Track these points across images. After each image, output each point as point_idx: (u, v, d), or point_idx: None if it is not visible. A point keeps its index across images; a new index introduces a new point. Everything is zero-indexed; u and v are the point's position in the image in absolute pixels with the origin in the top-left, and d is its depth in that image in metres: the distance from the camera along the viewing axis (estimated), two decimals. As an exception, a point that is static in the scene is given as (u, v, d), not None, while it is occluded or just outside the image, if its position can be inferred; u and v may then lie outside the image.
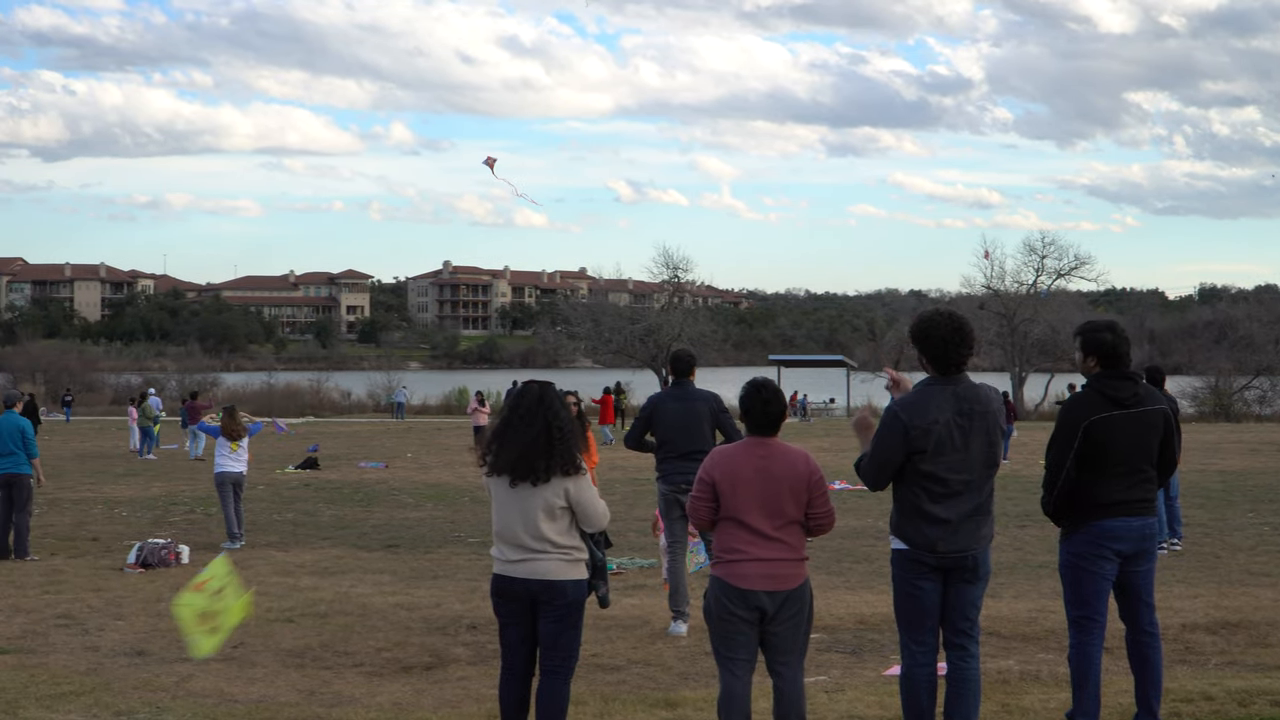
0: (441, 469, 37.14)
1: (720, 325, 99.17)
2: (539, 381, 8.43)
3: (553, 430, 8.12)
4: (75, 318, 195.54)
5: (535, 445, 8.10)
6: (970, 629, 8.24)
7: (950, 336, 8.13)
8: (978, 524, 8.14)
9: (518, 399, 8.31)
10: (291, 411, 73.07)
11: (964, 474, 8.06)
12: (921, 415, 8.02)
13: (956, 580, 8.16)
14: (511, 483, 8.12)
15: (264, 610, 14.91)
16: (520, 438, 8.13)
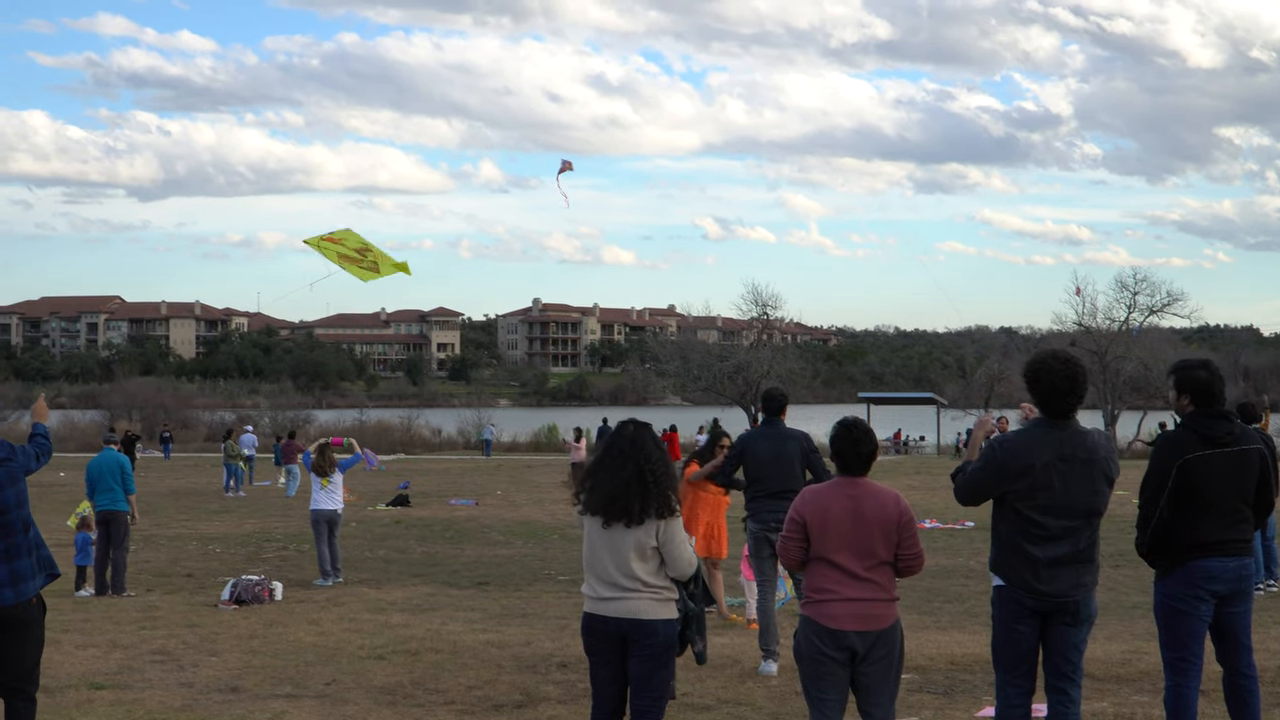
0: (531, 506, 37.21)
1: (809, 362, 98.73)
2: (634, 421, 8.43)
3: (645, 472, 8.13)
4: (171, 355, 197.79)
5: (628, 486, 8.10)
6: (1072, 672, 8.19)
7: (1060, 382, 8.10)
8: (1077, 570, 8.09)
9: (612, 439, 8.32)
10: (382, 448, 73.43)
11: (1063, 519, 8.02)
12: (1020, 456, 8.01)
13: (1057, 623, 8.12)
14: (605, 523, 8.14)
15: (356, 647, 15.03)
16: (613, 478, 8.14)
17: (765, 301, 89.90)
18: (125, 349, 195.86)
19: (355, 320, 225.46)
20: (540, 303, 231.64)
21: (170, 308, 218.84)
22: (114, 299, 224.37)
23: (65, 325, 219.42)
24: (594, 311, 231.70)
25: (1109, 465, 8.18)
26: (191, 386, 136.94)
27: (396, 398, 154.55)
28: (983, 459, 8.19)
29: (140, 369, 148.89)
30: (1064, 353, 8.37)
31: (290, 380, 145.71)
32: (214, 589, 19.93)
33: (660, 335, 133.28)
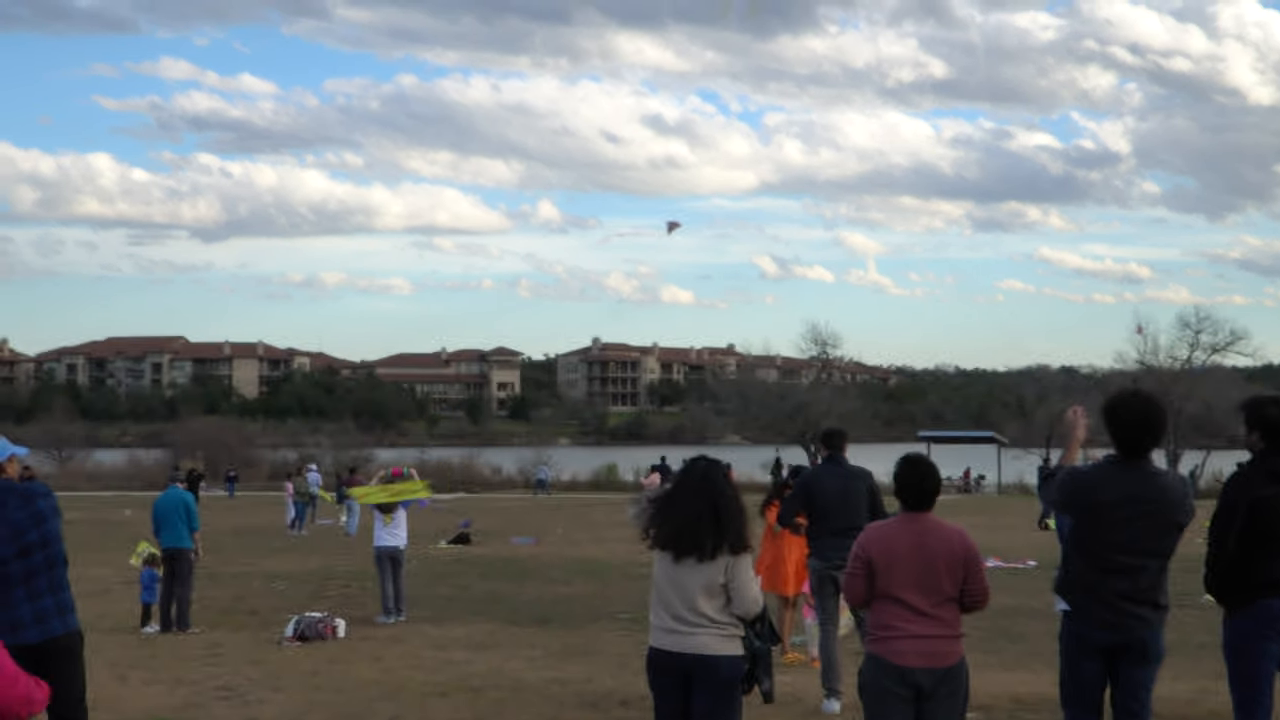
0: (592, 544, 37.23)
1: (869, 401, 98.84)
2: (705, 458, 8.42)
3: (719, 508, 8.14)
4: (234, 394, 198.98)
5: (700, 522, 8.09)
6: (1140, 711, 8.15)
7: (1137, 422, 8.10)
8: (1139, 606, 8.06)
9: (684, 475, 8.33)
10: (443, 487, 73.57)
11: (1127, 557, 8.01)
12: (1088, 492, 8.04)
13: (1124, 661, 8.09)
14: (675, 558, 8.15)
15: (418, 684, 15.08)
16: (684, 513, 8.14)
17: (825, 340, 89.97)
18: (189, 388, 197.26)
19: (416, 360, 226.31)
20: (600, 342, 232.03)
21: (233, 347, 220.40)
22: (178, 339, 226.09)
23: (130, 365, 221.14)
24: (653, 351, 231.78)
25: (1179, 510, 8.15)
26: (254, 425, 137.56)
27: (457, 437, 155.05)
28: (1059, 485, 8.26)
29: (204, 408, 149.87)
30: (1144, 392, 8.37)
31: (352, 419, 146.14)
32: (278, 626, 20.03)
33: (719, 374, 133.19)
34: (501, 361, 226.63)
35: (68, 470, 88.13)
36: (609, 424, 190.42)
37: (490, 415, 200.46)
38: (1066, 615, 8.31)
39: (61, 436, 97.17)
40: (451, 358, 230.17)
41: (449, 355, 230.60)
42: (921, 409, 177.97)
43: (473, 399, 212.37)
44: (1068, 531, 8.37)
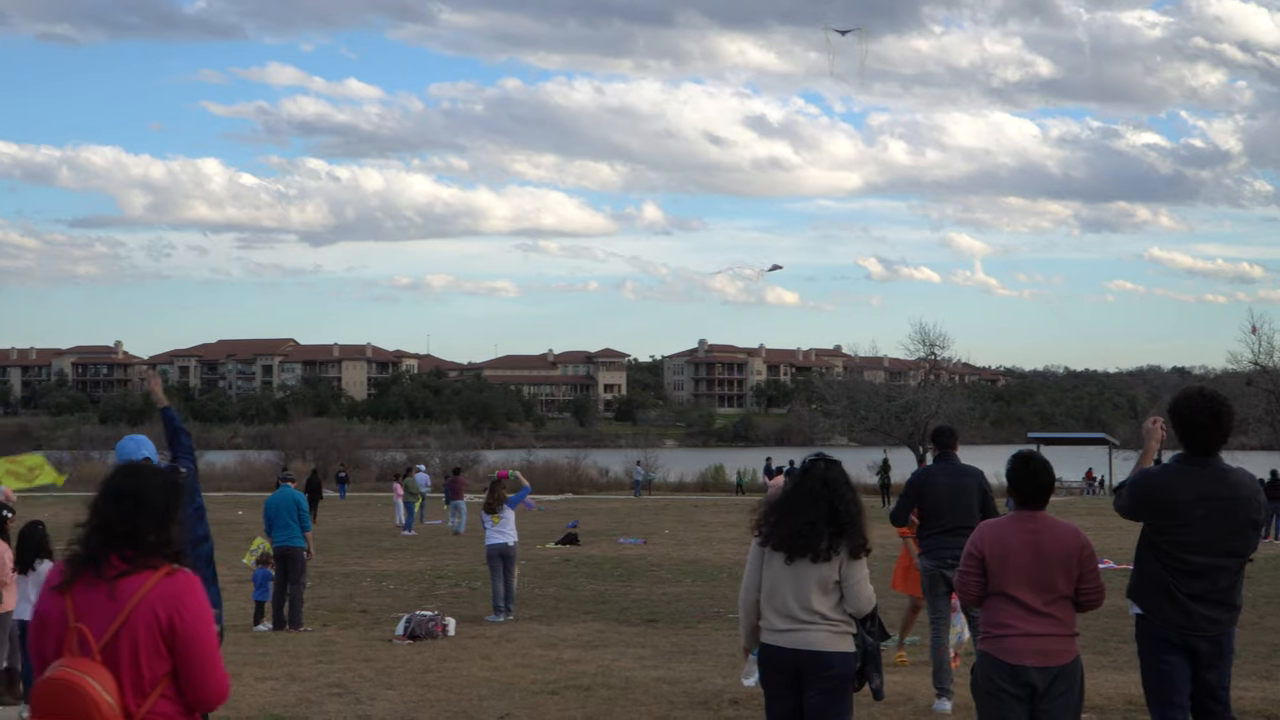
0: (699, 545, 37.22)
1: (977, 403, 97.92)
2: (824, 459, 8.41)
3: (839, 510, 8.12)
4: (343, 396, 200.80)
5: (817, 523, 8.08)
6: (1222, 710, 8.07)
7: (1206, 420, 8.03)
8: (1215, 608, 8.00)
9: (803, 476, 8.31)
10: (550, 488, 73.89)
11: (1204, 556, 7.94)
12: (1161, 491, 7.99)
13: (1202, 661, 8.02)
14: (788, 558, 8.14)
15: (529, 682, 15.15)
16: (801, 514, 8.13)
17: (933, 341, 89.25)
18: (299, 390, 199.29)
19: (523, 362, 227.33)
20: (706, 343, 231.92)
21: (342, 350, 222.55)
22: (288, 342, 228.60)
23: (241, 368, 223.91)
24: (760, 352, 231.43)
25: (1253, 507, 8.07)
26: (363, 427, 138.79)
27: (564, 438, 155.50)
28: (1130, 488, 8.18)
29: (313, 410, 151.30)
30: (1209, 389, 8.29)
31: (459, 421, 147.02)
32: (388, 624, 20.20)
33: (826, 375, 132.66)
34: (608, 363, 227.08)
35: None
36: (715, 425, 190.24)
37: (597, 416, 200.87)
38: (1140, 618, 8.24)
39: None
40: (558, 359, 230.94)
41: (556, 357, 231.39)
42: (1030, 410, 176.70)
43: (579, 400, 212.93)
44: (1139, 538, 8.32)
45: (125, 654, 5.18)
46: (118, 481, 5.44)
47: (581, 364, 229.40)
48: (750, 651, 8.61)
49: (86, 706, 5.04)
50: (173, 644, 5.24)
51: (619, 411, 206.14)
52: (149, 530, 5.31)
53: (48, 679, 5.12)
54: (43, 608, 5.36)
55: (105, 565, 5.27)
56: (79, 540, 5.35)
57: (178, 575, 5.33)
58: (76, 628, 5.17)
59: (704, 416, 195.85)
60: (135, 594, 5.22)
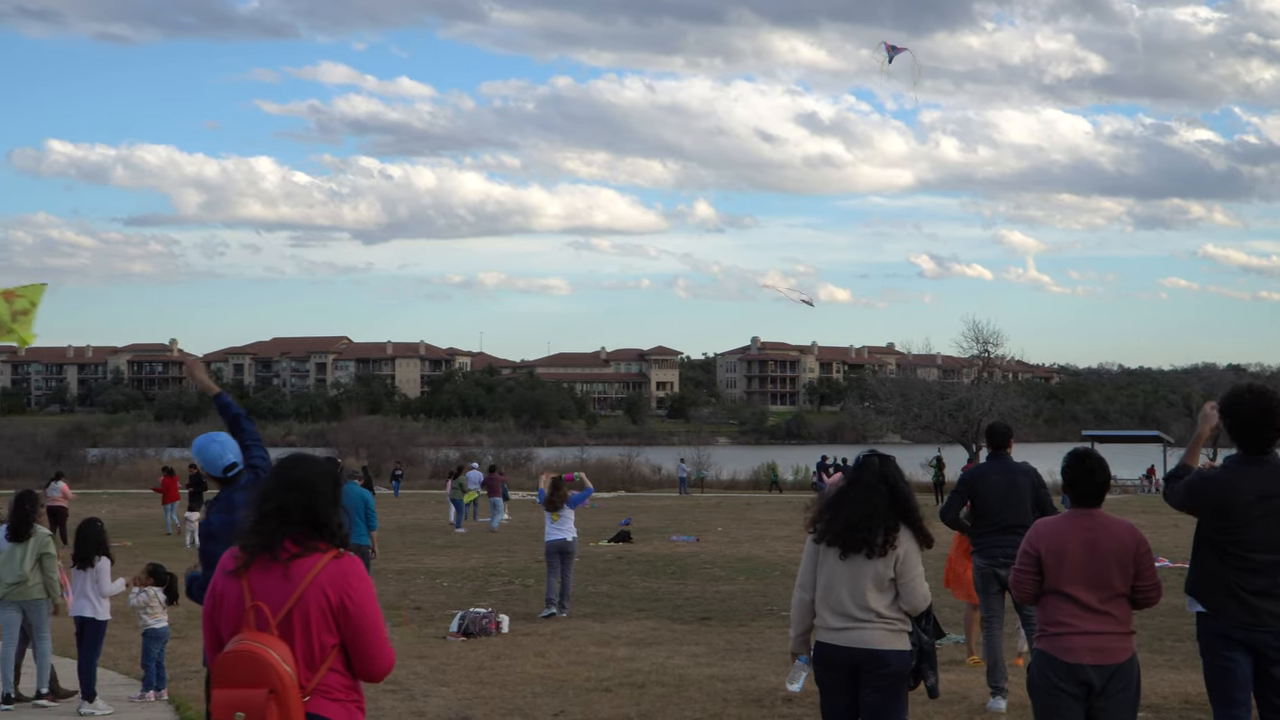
0: (752, 543, 37.19)
1: (1031, 401, 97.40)
2: (879, 454, 8.40)
3: (896, 501, 8.13)
4: (396, 394, 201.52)
5: (873, 518, 8.07)
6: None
7: (1255, 416, 8.00)
8: (1277, 602, 7.95)
9: (858, 470, 8.30)
10: (603, 485, 73.89)
11: (1265, 554, 7.91)
12: (1218, 491, 7.97)
13: (1265, 658, 7.97)
14: (843, 554, 8.13)
15: (583, 679, 15.19)
16: (857, 509, 8.12)
17: (986, 339, 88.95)
18: (353, 388, 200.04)
19: (576, 359, 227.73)
20: (759, 341, 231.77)
21: (395, 347, 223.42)
22: (341, 339, 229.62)
23: (295, 365, 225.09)
24: (812, 350, 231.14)
25: None
26: (416, 425, 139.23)
27: (616, 436, 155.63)
28: (1186, 487, 8.15)
29: (367, 407, 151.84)
30: (1260, 386, 8.25)
31: (512, 419, 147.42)
32: (443, 622, 20.28)
33: (879, 373, 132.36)
34: (660, 360, 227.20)
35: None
36: (768, 423, 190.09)
37: (649, 414, 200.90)
38: (1202, 615, 8.20)
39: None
40: (611, 357, 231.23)
41: (608, 354, 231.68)
42: (1084, 408, 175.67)
43: (632, 398, 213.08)
44: (1195, 534, 8.28)
45: (298, 630, 5.62)
46: (289, 471, 5.87)
47: (634, 362, 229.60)
48: (797, 656, 8.60)
49: (268, 674, 5.45)
50: (342, 621, 5.69)
51: (671, 409, 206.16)
52: (318, 516, 5.74)
53: (231, 651, 5.54)
54: (220, 589, 5.78)
55: (279, 549, 5.69)
56: (253, 527, 5.76)
57: (344, 558, 5.78)
58: (255, 605, 5.61)
59: (756, 414, 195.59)
60: (307, 575, 5.66)
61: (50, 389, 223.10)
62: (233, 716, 5.43)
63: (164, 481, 44.55)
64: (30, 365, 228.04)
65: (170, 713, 13.83)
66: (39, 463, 79.05)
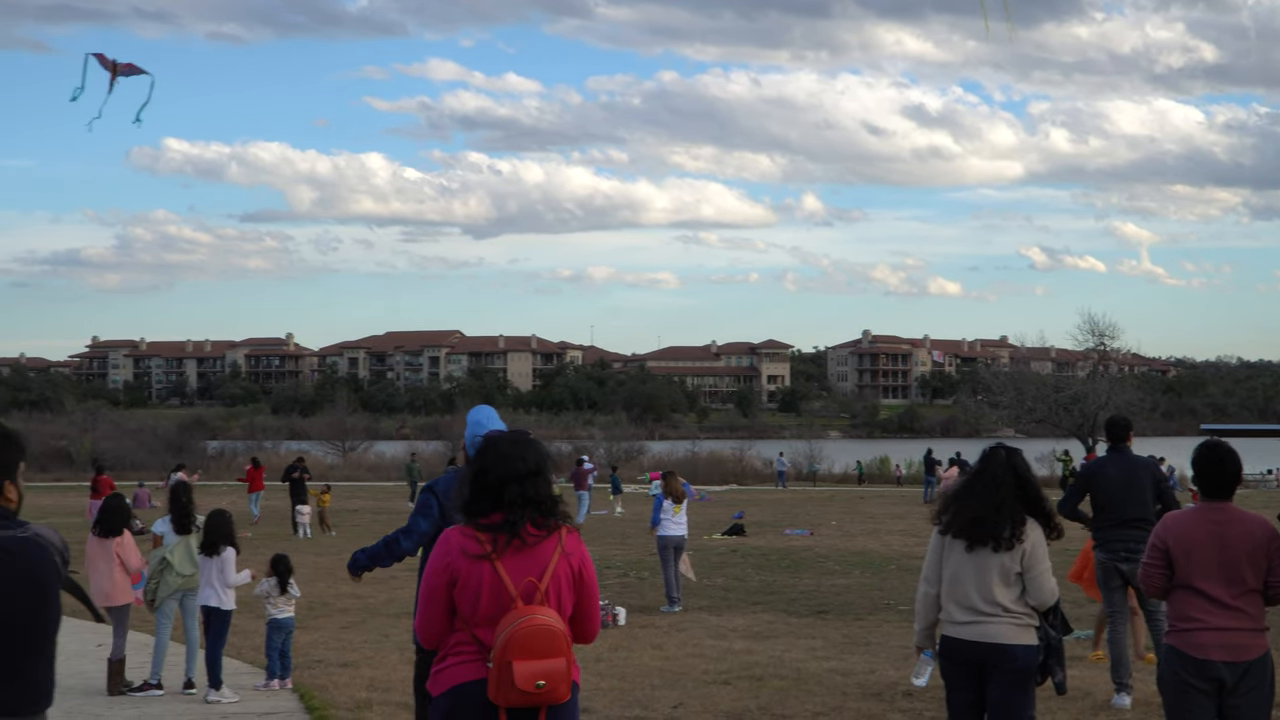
0: (866, 537, 37.06)
1: (1148, 394, 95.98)
2: (1005, 447, 8.36)
3: (1024, 492, 8.09)
4: (508, 387, 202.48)
5: (1000, 510, 8.04)
6: None
7: None
8: None
9: (984, 463, 8.27)
10: (715, 479, 74.04)
11: None
12: None
13: None
14: (970, 546, 8.10)
15: (701, 672, 15.22)
16: (983, 501, 8.09)
17: (1102, 331, 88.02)
18: (465, 381, 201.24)
19: (686, 353, 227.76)
20: (870, 334, 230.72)
21: (507, 341, 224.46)
22: (454, 333, 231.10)
23: (409, 359, 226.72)
24: (924, 343, 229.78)
25: None
26: (529, 418, 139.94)
27: (727, 429, 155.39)
28: None
29: (480, 400, 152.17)
30: None
31: (624, 412, 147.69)
32: (560, 613, 20.34)
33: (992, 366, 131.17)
34: (771, 354, 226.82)
35: (350, 461, 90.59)
36: (880, 416, 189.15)
37: (760, 408, 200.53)
38: None
39: (344, 428, 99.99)
40: (721, 350, 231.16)
41: (719, 348, 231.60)
42: (1202, 401, 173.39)
43: (742, 391, 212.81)
44: None
45: (552, 600, 6.01)
46: (523, 459, 6.13)
47: (744, 355, 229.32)
48: (922, 650, 8.57)
49: (559, 642, 5.88)
50: (579, 589, 6.14)
51: (782, 403, 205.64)
52: (549, 496, 6.15)
53: (527, 626, 5.84)
54: (463, 570, 6.00)
55: (524, 531, 6.02)
56: (509, 514, 6.02)
57: (575, 532, 6.21)
58: (529, 580, 5.96)
59: (868, 408, 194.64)
60: (553, 551, 6.05)
61: (170, 383, 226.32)
62: (535, 685, 5.80)
63: (249, 472, 45.47)
64: (151, 360, 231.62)
65: (295, 701, 14.00)
66: (160, 455, 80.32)
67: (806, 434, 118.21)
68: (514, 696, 5.79)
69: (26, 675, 5.26)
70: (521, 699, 5.80)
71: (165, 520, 14.80)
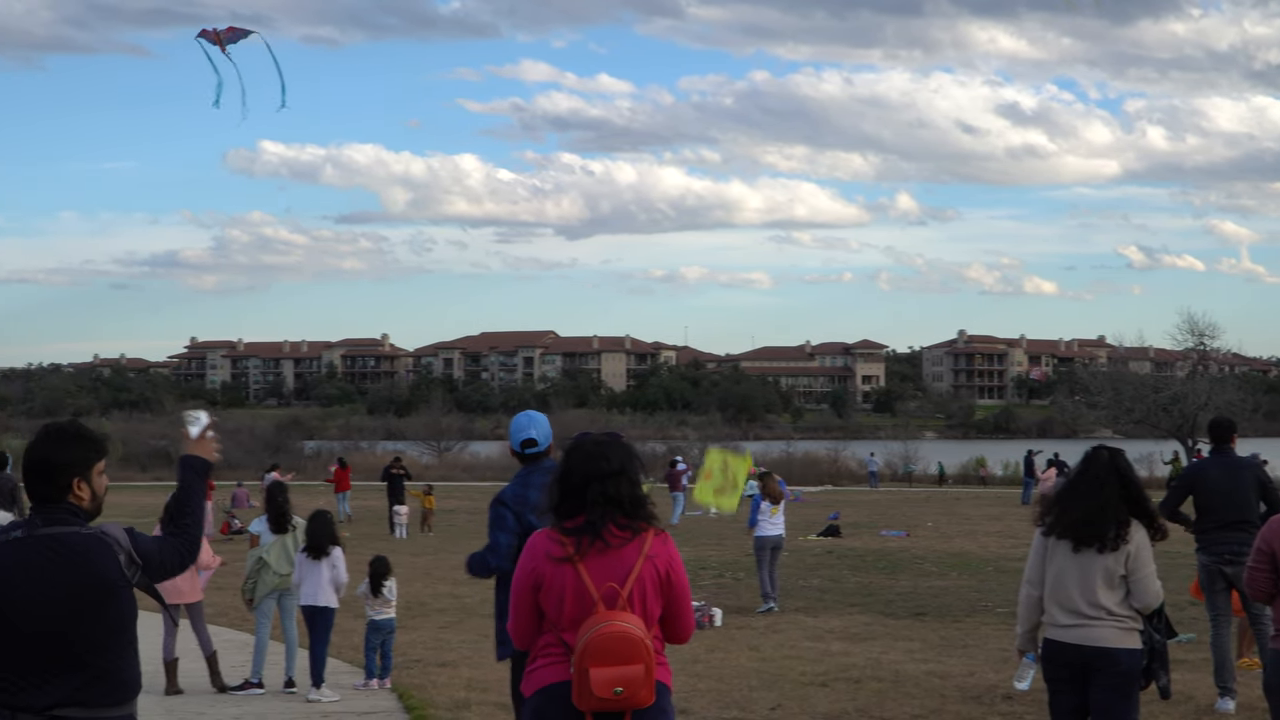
0: (963, 538, 36.84)
1: (1249, 394, 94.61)
2: (1108, 447, 8.30)
3: (1126, 497, 8.01)
4: (602, 387, 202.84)
5: (1105, 510, 7.97)
6: None
7: None
8: None
9: (1088, 463, 8.20)
10: (809, 479, 73.81)
11: None
12: None
13: None
14: (1074, 547, 8.02)
15: (798, 674, 15.20)
16: (1088, 502, 8.02)
17: (1201, 331, 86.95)
18: (559, 382, 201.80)
19: (780, 353, 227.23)
20: (965, 334, 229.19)
21: (601, 341, 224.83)
22: (548, 333, 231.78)
23: (503, 359, 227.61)
24: (1020, 343, 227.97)
25: None
26: (623, 418, 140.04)
27: (822, 430, 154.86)
28: None
29: (574, 401, 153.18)
30: None
31: (718, 412, 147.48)
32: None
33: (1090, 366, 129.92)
34: (866, 354, 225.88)
35: (445, 461, 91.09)
36: (975, 417, 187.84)
37: (855, 408, 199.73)
38: None
39: (439, 429, 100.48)
40: (816, 350, 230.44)
41: (813, 348, 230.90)
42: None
43: (837, 392, 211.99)
44: None
45: (636, 604, 6.00)
46: (606, 458, 6.15)
47: (839, 355, 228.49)
48: (1024, 654, 8.52)
49: (638, 649, 5.85)
50: (667, 592, 6.10)
51: (877, 403, 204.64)
52: (634, 496, 6.12)
53: (605, 632, 5.85)
54: (546, 573, 6.03)
55: (606, 533, 6.02)
56: (591, 514, 6.04)
57: (664, 534, 6.18)
58: (609, 586, 5.96)
59: (964, 408, 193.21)
60: (639, 554, 6.04)
61: (267, 383, 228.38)
62: (612, 692, 5.81)
63: (336, 472, 45.80)
64: (248, 360, 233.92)
65: (394, 701, 14.11)
66: (257, 455, 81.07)
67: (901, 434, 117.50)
68: (593, 702, 5.83)
69: (93, 668, 5.42)
70: (601, 704, 5.85)
71: (261, 520, 14.97)
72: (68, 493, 5.51)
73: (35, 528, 5.46)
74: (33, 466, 5.55)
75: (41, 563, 5.38)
